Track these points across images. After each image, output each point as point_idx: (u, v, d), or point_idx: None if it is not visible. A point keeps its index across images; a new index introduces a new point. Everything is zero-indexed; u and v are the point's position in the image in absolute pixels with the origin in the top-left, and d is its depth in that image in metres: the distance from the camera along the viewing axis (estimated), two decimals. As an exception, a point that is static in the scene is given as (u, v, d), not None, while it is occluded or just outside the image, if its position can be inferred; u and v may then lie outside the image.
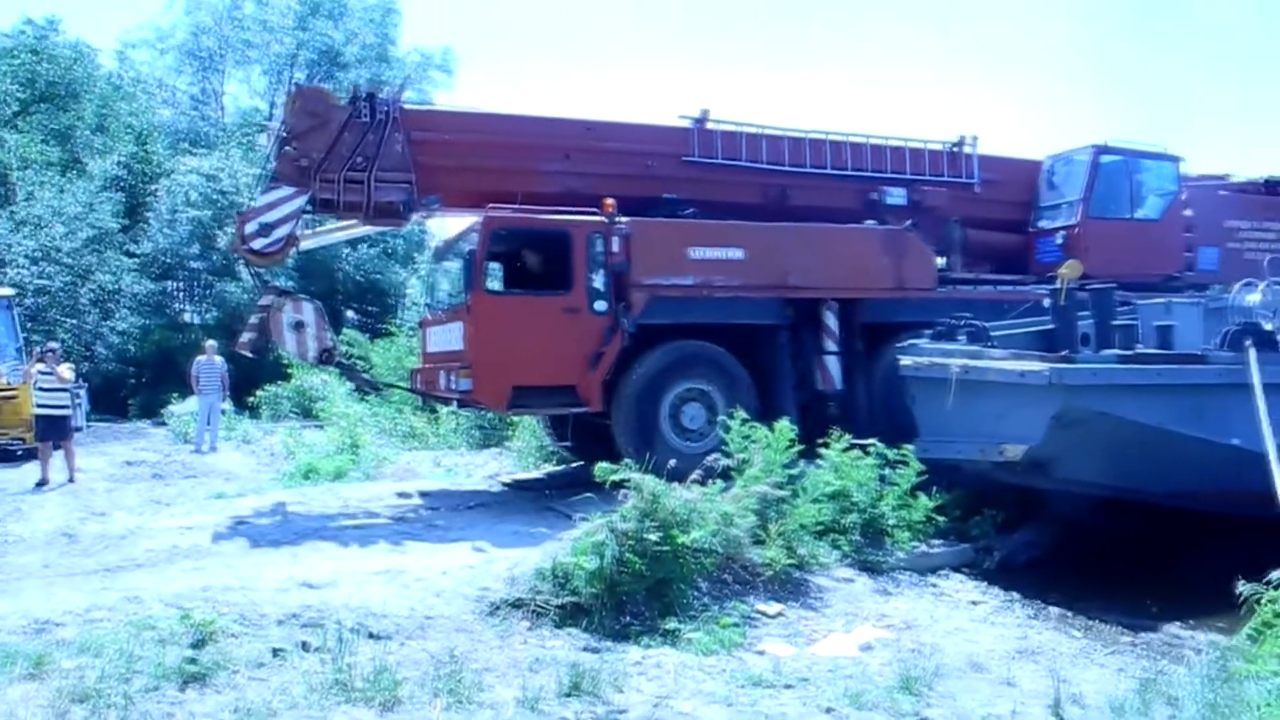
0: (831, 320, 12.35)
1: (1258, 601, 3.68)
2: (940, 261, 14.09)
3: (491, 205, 11.24)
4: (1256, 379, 8.54)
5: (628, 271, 11.30)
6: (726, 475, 8.52)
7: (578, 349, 11.10)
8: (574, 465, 13.35)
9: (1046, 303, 11.23)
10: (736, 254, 11.82)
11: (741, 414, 9.43)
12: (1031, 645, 7.31)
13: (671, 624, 6.98)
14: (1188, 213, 14.90)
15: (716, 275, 11.71)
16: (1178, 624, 7.92)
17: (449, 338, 11.69)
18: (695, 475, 8.16)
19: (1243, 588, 3.91)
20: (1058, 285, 10.81)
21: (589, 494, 7.72)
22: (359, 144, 11.29)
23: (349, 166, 11.22)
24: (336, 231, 13.61)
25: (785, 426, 9.10)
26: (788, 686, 5.96)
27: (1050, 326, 11.01)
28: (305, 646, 6.02)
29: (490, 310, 11.04)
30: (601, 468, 7.81)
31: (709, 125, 13.07)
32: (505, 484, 13.37)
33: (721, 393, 11.50)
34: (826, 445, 9.45)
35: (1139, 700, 5.60)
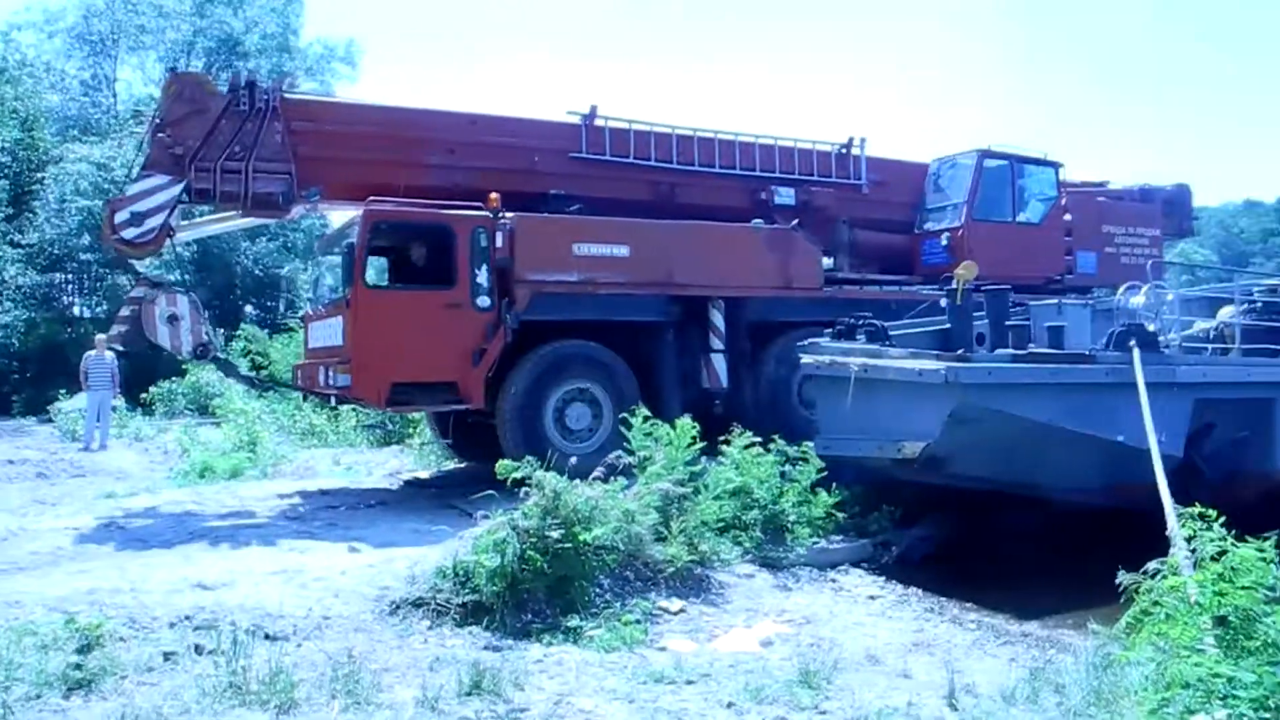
0: (718, 318, 12.38)
1: (1136, 591, 3.81)
2: (828, 261, 14.27)
3: (372, 198, 11.08)
4: (1140, 378, 8.84)
5: (511, 267, 11.19)
6: (620, 473, 8.51)
7: (460, 345, 10.96)
8: (475, 463, 13.22)
9: (944, 303, 11.46)
10: (621, 251, 11.79)
11: (642, 412, 9.45)
12: (927, 638, 7.44)
13: (573, 621, 6.96)
14: (1067, 217, 15.33)
15: (601, 272, 11.67)
16: (1067, 614, 8.13)
17: (330, 333, 11.47)
18: (598, 473, 8.15)
19: (1122, 578, 4.04)
20: (954, 286, 11.03)
21: (491, 491, 7.65)
22: (237, 133, 11.02)
23: (226, 156, 10.94)
24: (215, 223, 13.24)
25: (687, 424, 9.14)
26: (689, 682, 5.97)
27: (947, 326, 11.24)
28: (198, 649, 5.86)
29: (370, 305, 10.82)
30: (503, 465, 7.75)
31: (598, 122, 13.03)
32: (406, 482, 13.21)
33: (606, 392, 11.46)
34: (728, 442, 9.52)
35: (1028, 689, 5.74)
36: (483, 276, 11.10)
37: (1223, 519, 3.87)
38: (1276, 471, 10.72)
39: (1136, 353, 9.33)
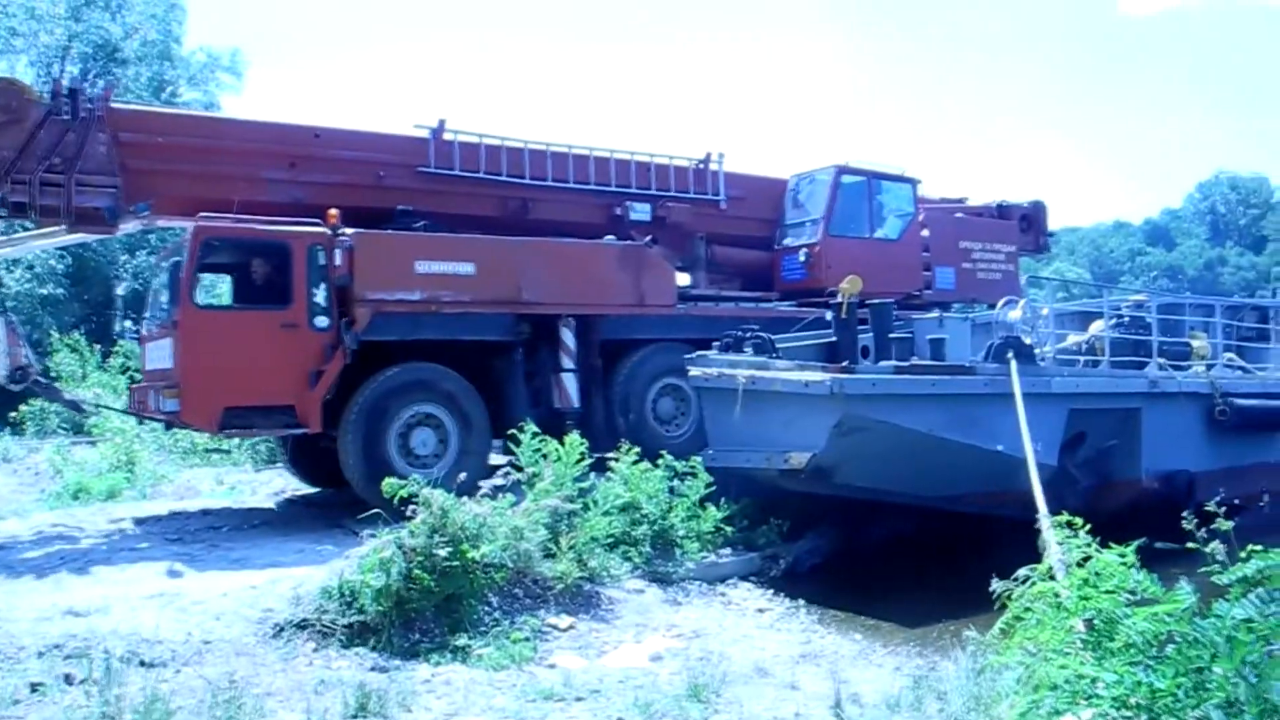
0: (569, 337, 12.00)
1: (1009, 598, 3.92)
2: (686, 278, 14.13)
3: (203, 214, 10.53)
4: (1017, 388, 9.11)
5: (351, 286, 10.63)
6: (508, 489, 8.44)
7: (296, 367, 10.41)
8: (324, 489, 12.84)
9: (829, 316, 11.65)
10: (467, 269, 11.33)
11: (531, 428, 9.37)
12: (815, 649, 7.54)
13: (462, 640, 6.90)
14: (925, 233, 15.33)
15: (445, 290, 11.18)
16: (949, 622, 8.30)
17: (162, 354, 10.82)
18: (485, 490, 8.08)
19: (996, 585, 4.15)
20: (839, 300, 11.24)
21: (376, 510, 7.51)
22: (57, 144, 10.40)
23: (46, 168, 10.33)
24: (39, 239, 12.53)
25: (576, 440, 9.11)
26: (578, 699, 5.97)
27: (832, 339, 11.44)
28: (68, 679, 5.64)
29: (199, 326, 10.24)
30: (389, 483, 7.64)
31: (446, 135, 12.66)
32: (291, 501, 12.88)
33: (452, 415, 11.01)
34: (616, 459, 9.54)
35: (912, 696, 5.86)
36: (320, 295, 10.57)
37: (1089, 526, 4.01)
38: (1142, 478, 11.18)
39: (1014, 364, 9.63)
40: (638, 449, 9.76)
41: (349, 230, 10.77)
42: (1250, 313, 15.18)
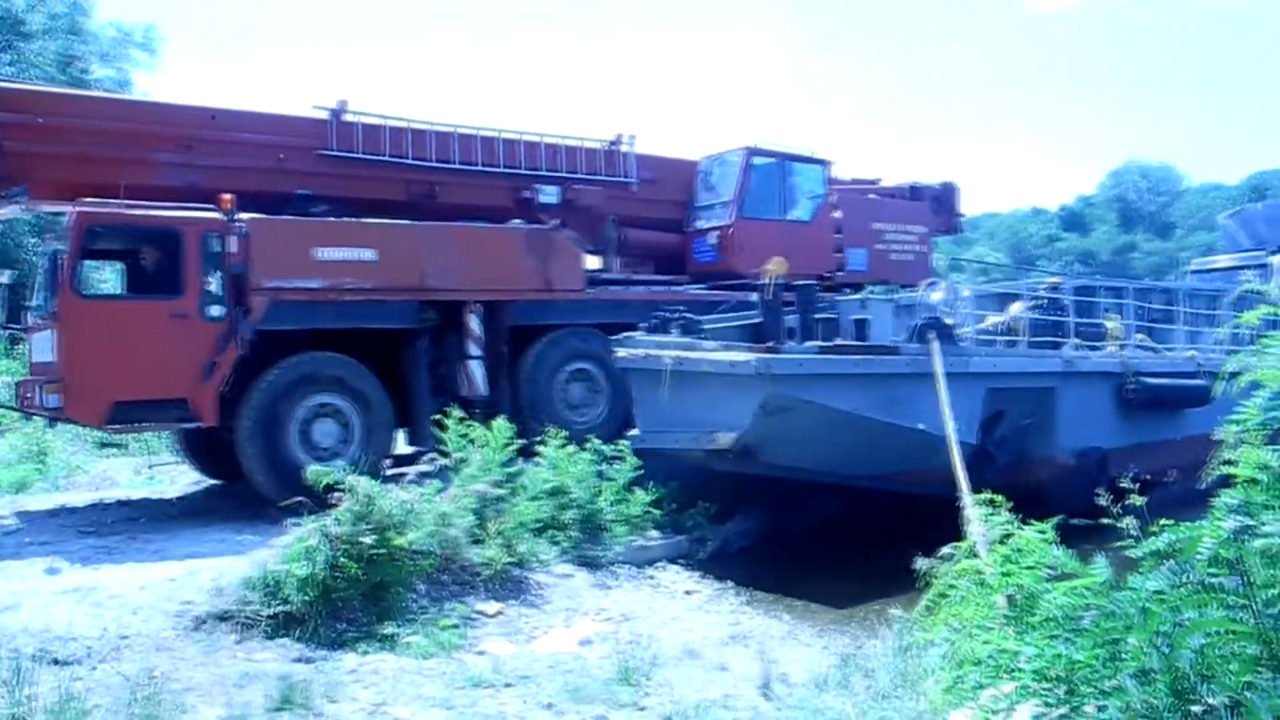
0: (475, 323, 11.84)
1: (934, 576, 3.99)
2: (597, 261, 14.08)
3: (83, 199, 10.11)
4: (939, 368, 9.25)
5: (247, 273, 10.29)
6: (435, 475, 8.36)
7: (189, 359, 10.03)
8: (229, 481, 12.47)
9: (755, 297, 11.72)
10: (368, 255, 11.05)
11: (457, 413, 9.30)
12: (743, 630, 7.60)
13: (389, 628, 6.83)
14: (837, 215, 15.38)
15: (346, 277, 10.88)
16: (875, 600, 8.42)
17: (45, 347, 10.38)
18: (411, 477, 8.01)
19: (920, 564, 4.22)
20: (765, 281, 11.30)
21: (301, 498, 7.39)
22: None
23: None
24: None
25: (503, 425, 9.07)
26: (508, 685, 5.95)
27: (758, 320, 11.51)
28: (-27, 680, 5.46)
29: (83, 317, 9.80)
30: (313, 470, 7.54)
31: (348, 117, 12.34)
32: (212, 490, 12.63)
33: (355, 406, 10.76)
34: (543, 443, 9.51)
35: (839, 674, 5.95)
36: (214, 284, 10.18)
37: (1010, 504, 4.09)
38: (1058, 454, 11.44)
39: (935, 344, 9.77)
40: (565, 433, 9.75)
41: (245, 216, 10.43)
42: (1159, 295, 15.58)
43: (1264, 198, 46.96)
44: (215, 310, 10.20)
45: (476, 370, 11.80)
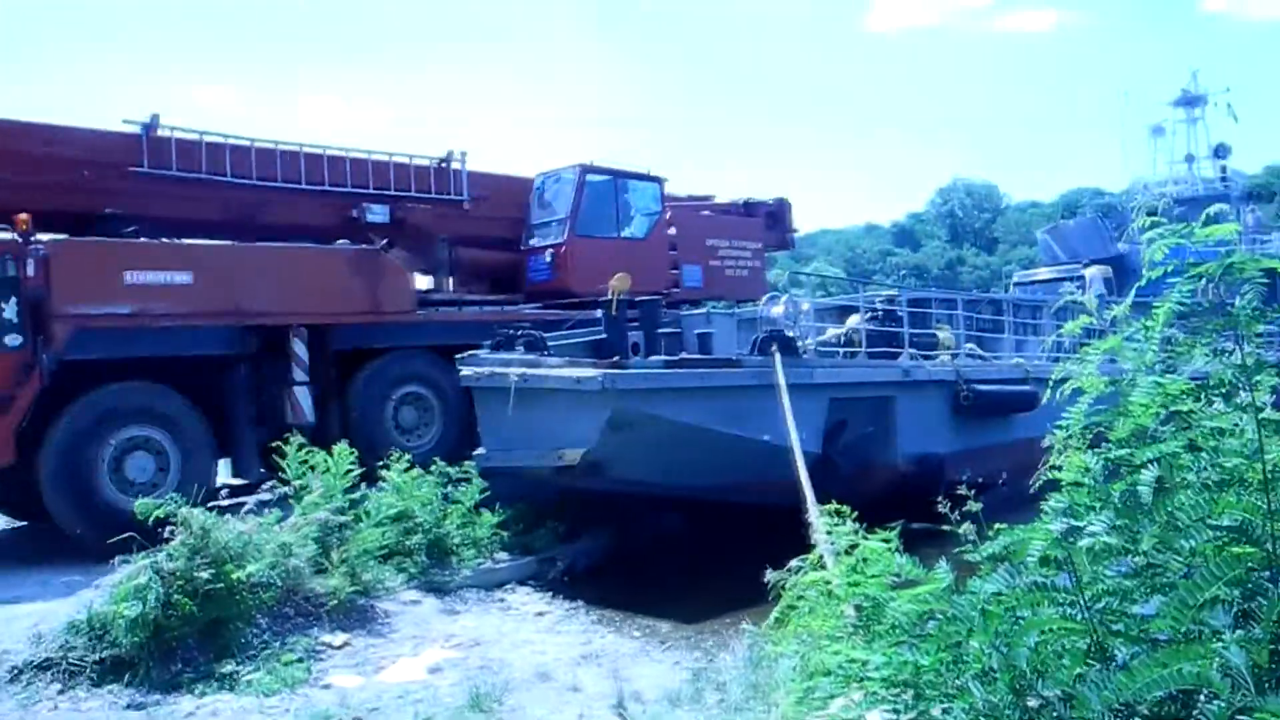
0: (300, 348, 11.34)
1: (783, 588, 4.03)
2: (429, 282, 13.87)
3: None
4: (782, 380, 9.41)
5: (47, 299, 9.61)
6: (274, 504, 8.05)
7: None
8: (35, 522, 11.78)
9: (599, 313, 11.73)
10: (183, 278, 10.42)
11: (297, 440, 9.00)
12: (595, 650, 7.56)
13: (229, 666, 6.60)
14: (672, 231, 15.40)
15: (159, 302, 10.25)
16: (727, 614, 8.48)
17: None
18: (249, 506, 7.72)
19: (769, 576, 4.26)
20: (609, 297, 11.32)
21: (130, 533, 7.01)
22: None
23: None
24: None
25: (345, 450, 8.82)
26: (356, 719, 5.76)
27: (603, 336, 11.52)
28: None
29: None
30: (142, 504, 7.17)
31: (160, 132, 11.75)
32: (27, 530, 11.87)
33: (171, 437, 10.17)
34: (387, 467, 9.30)
35: (692, 689, 5.96)
36: (10, 310, 9.48)
37: (855, 513, 4.17)
38: (898, 462, 11.79)
39: (778, 357, 9.94)
40: (408, 457, 9.54)
41: (44, 237, 9.85)
42: (987, 306, 16.29)
43: (1075, 214, 49.69)
44: (12, 339, 9.47)
45: (303, 397, 11.30)
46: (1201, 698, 2.39)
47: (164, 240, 10.88)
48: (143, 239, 10.80)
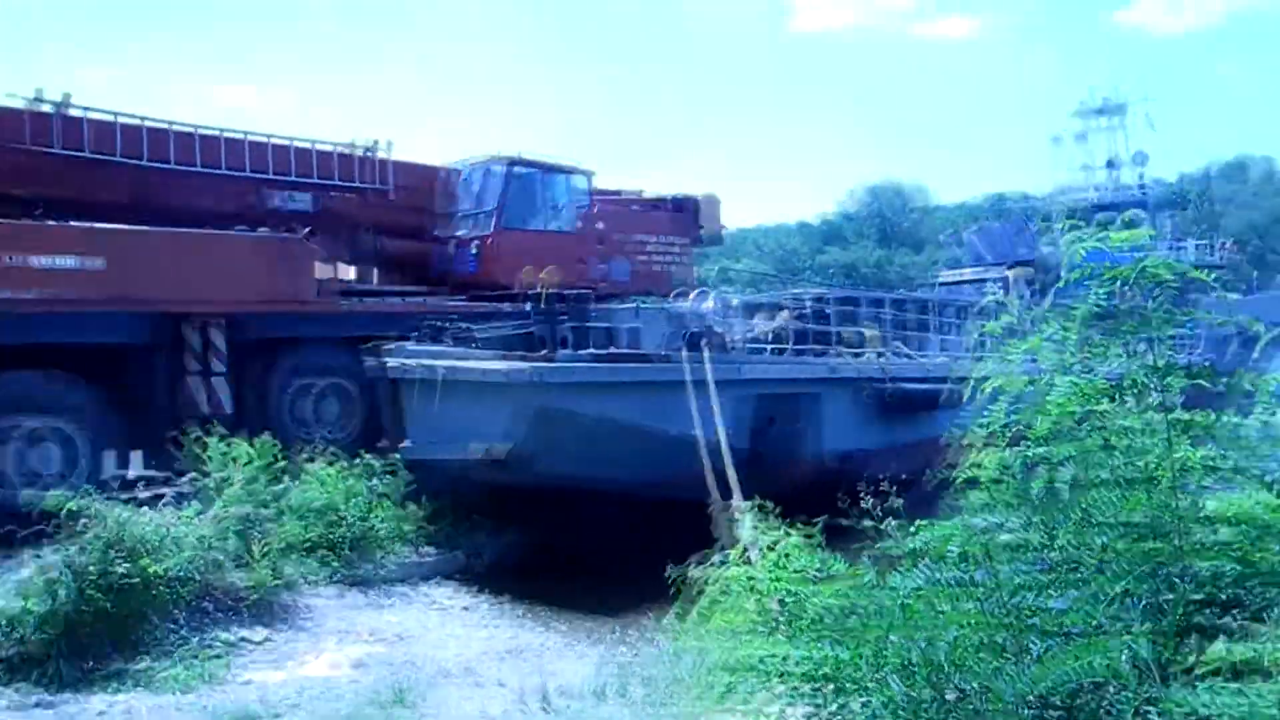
0: (217, 338, 10.96)
1: (707, 582, 4.05)
2: (352, 272, 13.68)
3: None
4: (710, 375, 9.47)
5: None
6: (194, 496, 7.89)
7: None
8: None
9: (529, 307, 11.68)
10: (94, 263, 10.06)
11: (219, 430, 8.83)
12: (521, 644, 7.55)
13: (144, 663, 6.45)
14: (600, 226, 15.32)
15: (66, 287, 9.88)
16: (654, 608, 8.47)
17: None
18: (168, 499, 7.56)
19: (694, 571, 4.28)
20: (538, 290, 11.28)
21: (41, 526, 6.83)
22: None
23: None
24: None
25: (268, 442, 8.68)
26: (276, 716, 5.73)
27: (532, 329, 11.48)
28: None
29: None
30: (55, 496, 6.98)
31: (71, 112, 11.32)
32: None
33: (79, 428, 9.87)
34: (312, 460, 9.17)
35: (618, 683, 5.97)
36: None
37: (780, 508, 4.20)
38: (823, 458, 11.92)
39: (707, 353, 9.99)
40: (334, 449, 9.43)
41: None
42: (913, 305, 16.53)
43: (1001, 216, 50.61)
44: None
45: (221, 387, 10.97)
46: (1111, 689, 2.45)
47: (70, 223, 10.50)
48: (49, 221, 10.42)
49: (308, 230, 12.25)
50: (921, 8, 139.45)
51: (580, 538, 11.17)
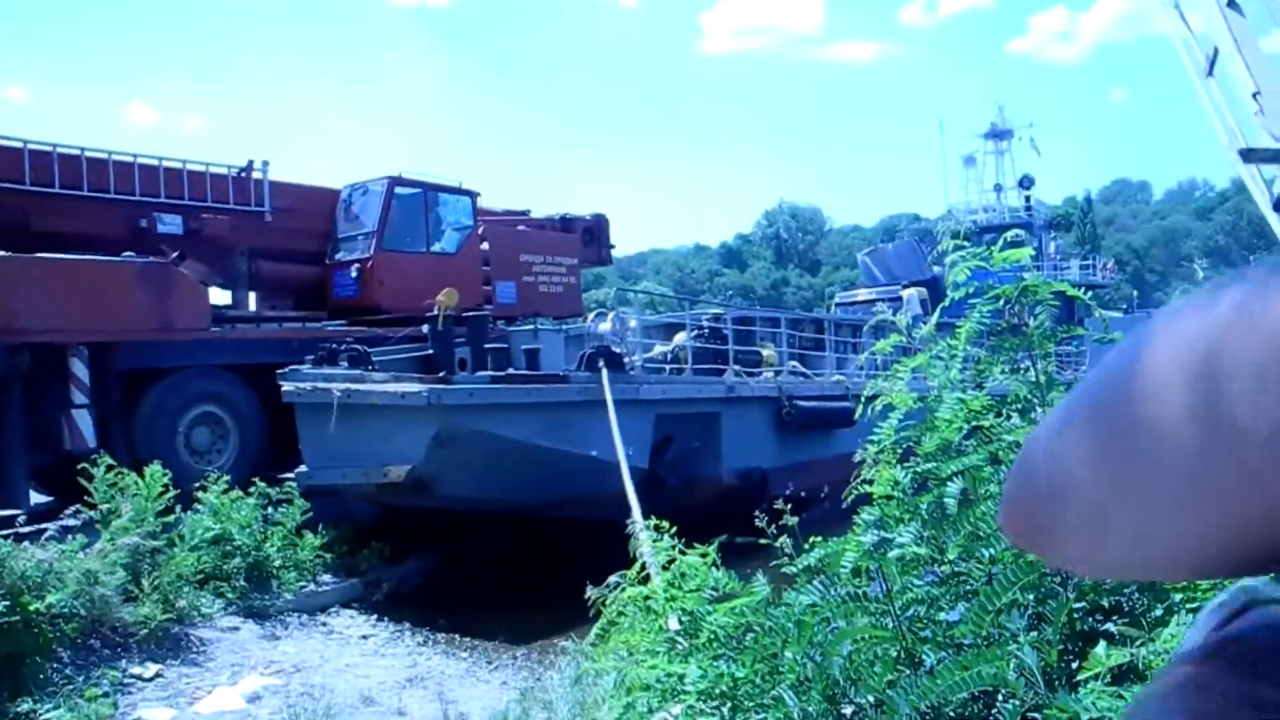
0: (80, 368, 10.48)
1: (603, 604, 4.04)
2: (227, 296, 13.32)
3: None
4: (609, 396, 9.48)
5: None
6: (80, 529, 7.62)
7: None
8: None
9: (425, 328, 11.57)
10: None
11: (105, 460, 8.51)
12: (421, 672, 7.45)
13: (24, 705, 6.16)
14: (485, 246, 15.10)
15: None
16: (554, 633, 8.45)
17: None
18: (52, 532, 7.28)
19: (591, 592, 4.27)
20: (436, 312, 11.19)
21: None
22: None
23: None
24: None
25: (158, 471, 8.40)
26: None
27: (429, 351, 11.37)
28: None
29: None
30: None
31: None
32: None
33: None
34: (204, 489, 8.92)
35: (519, 709, 5.92)
36: None
37: (675, 528, 4.21)
38: (723, 476, 12.02)
39: (605, 373, 10.02)
40: (227, 477, 9.17)
41: None
42: (809, 325, 16.81)
43: (894, 238, 51.83)
44: None
45: (83, 420, 10.43)
46: (1000, 697, 2.51)
47: None
48: None
49: (177, 254, 11.76)
50: (827, 32, 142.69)
51: (481, 561, 11.08)
